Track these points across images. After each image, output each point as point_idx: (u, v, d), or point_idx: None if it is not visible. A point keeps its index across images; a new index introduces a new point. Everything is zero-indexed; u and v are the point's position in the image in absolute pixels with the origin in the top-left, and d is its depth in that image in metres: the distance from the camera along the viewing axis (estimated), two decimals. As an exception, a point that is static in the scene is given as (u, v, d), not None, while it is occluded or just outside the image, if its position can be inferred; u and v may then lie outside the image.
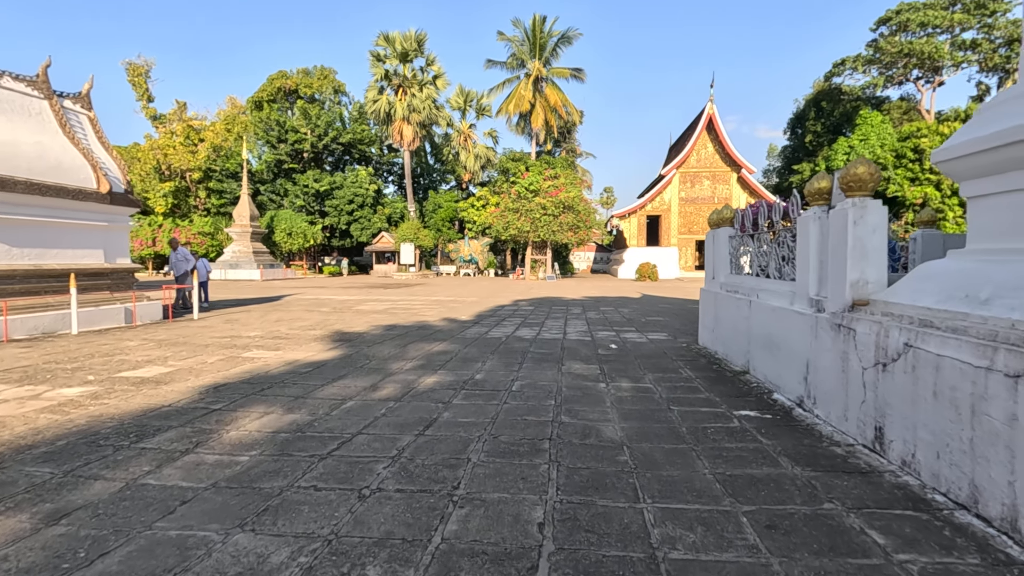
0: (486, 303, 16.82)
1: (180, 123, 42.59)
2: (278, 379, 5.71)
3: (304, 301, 17.32)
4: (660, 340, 8.86)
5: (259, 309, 14.32)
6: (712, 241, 7.73)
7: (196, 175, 42.89)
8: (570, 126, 55.19)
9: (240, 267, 34.76)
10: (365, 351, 7.54)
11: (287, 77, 46.07)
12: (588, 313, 13.78)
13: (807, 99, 49.33)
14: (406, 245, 39.86)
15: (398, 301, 17.40)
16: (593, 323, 11.44)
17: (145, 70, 43.95)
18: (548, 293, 22.44)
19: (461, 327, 10.49)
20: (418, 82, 41.17)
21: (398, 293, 21.74)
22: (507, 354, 7.35)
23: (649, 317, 12.86)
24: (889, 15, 40.24)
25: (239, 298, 18.97)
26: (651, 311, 14.40)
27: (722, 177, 44.10)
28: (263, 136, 42.24)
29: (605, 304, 16.66)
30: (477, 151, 49.59)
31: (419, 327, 10.44)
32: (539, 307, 15.48)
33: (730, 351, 6.60)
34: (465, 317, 12.48)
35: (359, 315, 12.74)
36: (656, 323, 11.52)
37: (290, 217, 40.07)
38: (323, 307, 15.01)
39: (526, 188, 36.81)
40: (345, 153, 46.69)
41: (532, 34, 44.57)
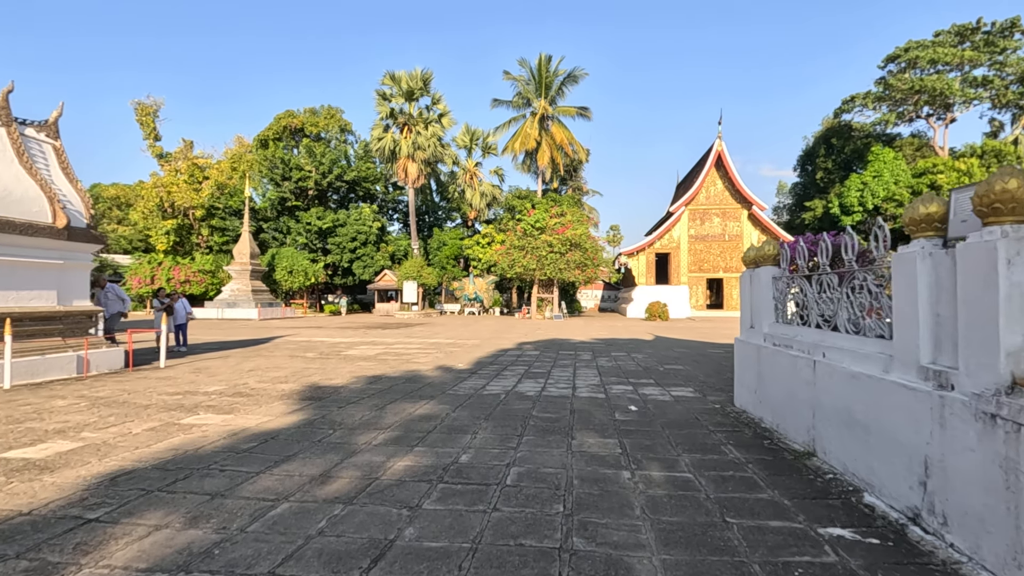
0: (488, 347, 15.53)
1: (185, 161, 42.48)
2: (206, 462, 4.43)
3: (293, 344, 16.11)
4: (687, 398, 7.51)
5: (239, 355, 13.10)
6: (749, 283, 6.49)
7: (199, 213, 42.50)
8: (576, 164, 54.86)
9: (238, 306, 33.77)
10: (333, 415, 6.26)
11: (294, 116, 46.25)
12: (599, 359, 12.45)
13: (816, 136, 48.85)
14: (409, 283, 38.85)
15: (393, 344, 16.14)
16: (605, 373, 10.11)
17: (153, 110, 44.21)
18: (555, 334, 21.12)
19: (455, 379, 9.20)
20: (423, 120, 41.04)
21: (396, 334, 20.51)
22: (505, 420, 6.04)
23: (667, 365, 11.51)
24: (898, 52, 39.98)
25: (226, 340, 17.80)
26: (668, 357, 13.05)
27: (732, 214, 43.20)
28: (267, 174, 42.00)
29: (616, 348, 15.32)
30: (483, 189, 49.18)
31: (407, 379, 9.15)
32: (545, 352, 14.17)
33: (783, 421, 5.26)
34: (462, 365, 11.18)
35: (345, 362, 11.48)
36: (677, 373, 10.17)
37: (291, 255, 39.33)
38: (310, 352, 13.78)
39: (532, 225, 35.97)
40: (350, 191, 46.37)
41: (538, 73, 44.66)
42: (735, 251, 43.01)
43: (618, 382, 9.04)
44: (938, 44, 39.17)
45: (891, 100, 40.34)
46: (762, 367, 5.80)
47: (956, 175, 35.22)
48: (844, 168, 45.25)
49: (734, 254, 43.07)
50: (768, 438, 5.21)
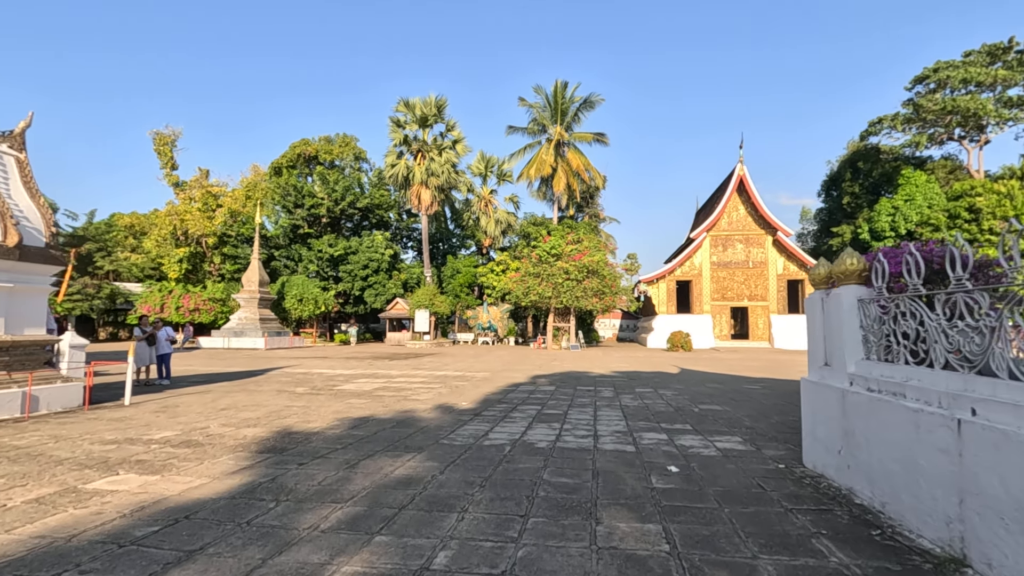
0: (499, 380, 14.09)
1: (200, 189, 42.40)
2: (66, 562, 3.08)
3: (288, 377, 14.86)
4: (738, 453, 6.00)
5: (223, 389, 11.85)
6: (821, 308, 5.05)
7: (211, 240, 42.16)
8: (593, 191, 53.92)
9: (245, 335, 32.86)
10: (287, 477, 4.89)
11: (308, 144, 46.21)
12: (623, 397, 10.93)
13: (842, 160, 47.29)
14: (421, 311, 37.68)
15: (395, 378, 14.79)
16: (632, 415, 8.61)
17: (171, 139, 44.50)
18: (572, 366, 19.59)
19: (455, 423, 7.78)
20: (437, 147, 40.52)
21: (402, 366, 19.17)
22: (506, 488, 4.60)
23: (702, 405, 9.95)
24: (926, 73, 38.61)
25: (219, 372, 16.62)
26: (700, 395, 11.47)
27: (756, 240, 41.55)
28: (280, 201, 41.64)
29: (641, 383, 13.76)
30: (498, 216, 48.34)
31: (398, 422, 7.76)
32: (561, 387, 12.68)
33: (895, 501, 3.76)
34: (466, 404, 9.77)
35: (334, 400, 10.14)
36: (716, 416, 8.62)
37: (302, 283, 38.54)
38: (301, 386, 12.48)
39: (548, 252, 34.73)
40: (363, 219, 45.82)
41: (554, 100, 44.15)
42: (760, 278, 41.22)
43: (648, 428, 7.54)
44: (969, 64, 37.74)
45: (921, 122, 38.78)
46: (851, 420, 4.32)
47: (996, 198, 33.31)
48: (872, 192, 43.50)
49: (758, 281, 41.26)
50: (875, 525, 3.70)
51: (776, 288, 40.91)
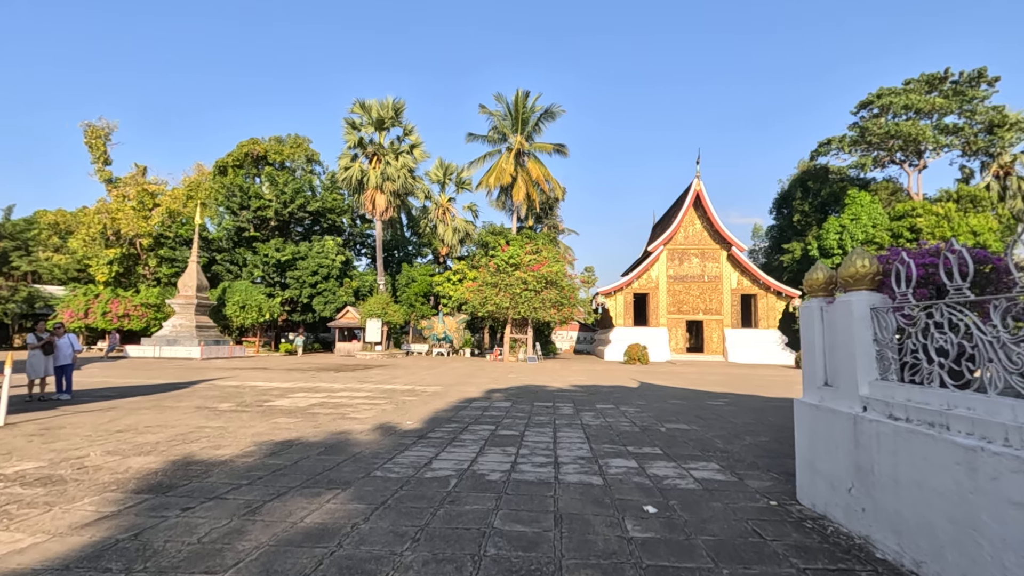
0: (451, 395, 13.04)
1: (135, 187, 39.52)
2: None
3: (216, 391, 13.34)
4: (721, 485, 5.21)
5: (131, 406, 10.33)
6: (820, 318, 4.33)
7: (146, 242, 39.27)
8: (552, 202, 53.66)
9: (179, 343, 30.46)
10: (157, 531, 3.74)
11: (257, 143, 43.97)
12: (583, 414, 10.09)
13: (792, 179, 48.76)
14: (372, 321, 36.07)
15: (338, 392, 13.51)
16: (595, 437, 7.76)
17: (105, 132, 41.44)
18: (529, 379, 18.71)
19: (394, 448, 6.72)
20: (394, 151, 39.23)
21: (347, 378, 17.81)
22: (447, 545, 3.61)
23: (669, 423, 9.23)
24: (870, 99, 40.24)
25: (136, 384, 14.87)
26: (665, 412, 10.78)
27: (711, 255, 42.05)
28: (224, 202, 39.27)
29: (601, 398, 12.99)
30: (456, 224, 47.31)
31: (328, 447, 6.64)
32: (518, 402, 11.75)
33: (939, 561, 2.99)
34: (411, 424, 8.70)
35: (259, 419, 8.87)
36: (686, 437, 7.88)
37: (245, 289, 36.29)
38: (227, 402, 11.08)
39: (506, 261, 33.93)
40: (314, 223, 43.83)
41: (515, 109, 43.66)
42: (714, 292, 41.67)
43: (614, 452, 6.69)
44: (910, 91, 39.58)
45: (866, 144, 40.32)
46: (867, 453, 3.56)
47: (935, 219, 34.77)
48: (820, 211, 44.92)
49: (713, 295, 41.70)
50: (913, 593, 2.93)
51: (730, 302, 41.41)
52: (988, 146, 40.01)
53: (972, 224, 33.73)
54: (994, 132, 39.07)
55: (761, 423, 9.58)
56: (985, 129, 40.02)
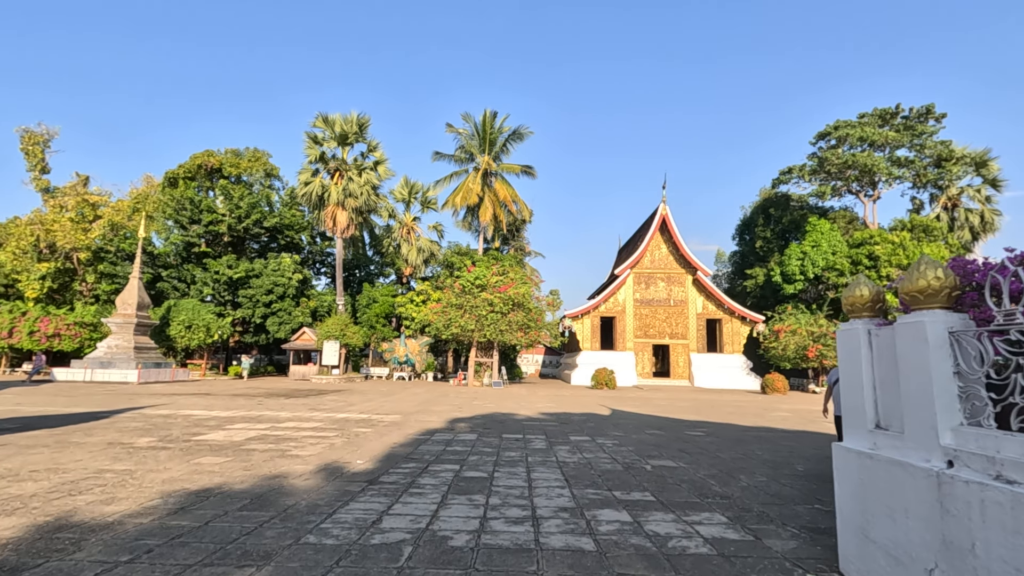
0: (411, 425, 11.82)
1: (74, 197, 36.91)
2: None
3: (141, 421, 11.73)
4: (738, 549, 4.27)
5: (27, 441, 8.74)
6: (868, 345, 3.50)
7: (84, 256, 36.55)
8: (519, 224, 53.25)
9: (114, 366, 28.02)
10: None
11: (212, 156, 41.96)
12: (558, 449, 9.08)
13: (755, 206, 49.75)
14: (330, 343, 34.28)
15: (284, 422, 12.10)
16: (576, 477, 6.75)
17: (44, 139, 38.84)
18: (496, 407, 17.58)
19: (338, 496, 5.55)
20: (357, 167, 37.99)
21: (298, 405, 16.29)
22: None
23: (653, 460, 8.31)
24: (828, 130, 41.54)
25: (48, 413, 13.05)
26: (645, 444, 9.88)
27: (677, 279, 42.12)
28: (172, 215, 37.03)
29: (574, 429, 12.00)
30: (420, 244, 46.20)
31: (255, 498, 5.41)
32: (484, 435, 10.65)
33: None
34: (362, 463, 7.49)
35: (181, 458, 7.51)
36: (677, 478, 6.96)
37: (192, 307, 34.00)
38: (149, 435, 9.59)
39: (472, 282, 32.88)
40: (271, 240, 41.88)
41: (482, 129, 43.22)
42: (680, 316, 41.61)
43: (601, 500, 5.70)
44: (864, 124, 41.06)
45: (825, 173, 41.46)
46: (963, 526, 2.68)
47: (891, 246, 35.69)
48: (782, 237, 45.80)
49: (679, 320, 41.62)
50: None
51: (696, 326, 41.39)
52: (937, 178, 41.71)
53: (926, 252, 34.73)
54: (942, 166, 40.79)
55: (750, 458, 8.78)
56: (934, 163, 41.77)
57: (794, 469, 7.93)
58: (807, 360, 34.52)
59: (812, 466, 8.20)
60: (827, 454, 9.37)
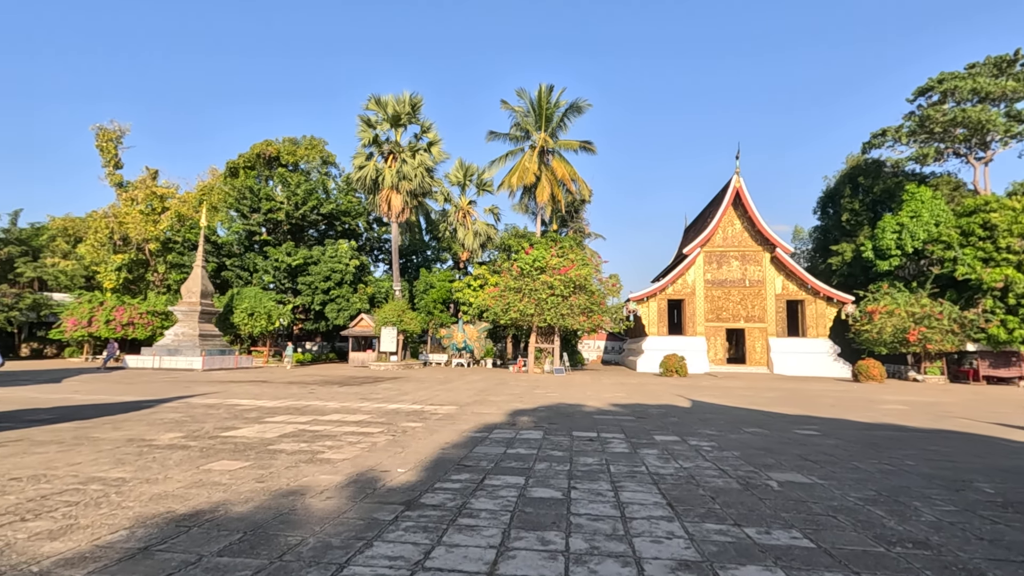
0: (466, 419, 10.34)
1: (144, 190, 38.04)
2: None
3: (180, 412, 10.88)
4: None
5: (51, 433, 7.87)
6: None
7: (154, 246, 37.66)
8: (578, 204, 50.90)
9: (180, 353, 28.45)
10: None
11: (271, 145, 42.27)
12: (644, 453, 7.27)
13: (841, 175, 45.06)
14: (387, 329, 33.64)
15: (328, 414, 10.92)
16: (684, 504, 4.95)
17: (117, 135, 40.20)
18: (560, 396, 15.90)
19: (361, 530, 4.03)
20: (411, 149, 36.98)
21: (348, 395, 15.26)
22: None
23: (774, 472, 6.34)
24: (931, 84, 36.58)
25: (94, 402, 12.52)
26: (752, 448, 7.87)
27: (753, 257, 38.70)
28: (234, 204, 37.48)
29: (655, 424, 10.10)
30: (477, 228, 44.85)
31: (252, 528, 3.98)
32: (551, 432, 8.98)
33: None
34: (403, 472, 5.99)
35: (193, 461, 6.28)
36: (827, 504, 5.00)
37: (254, 295, 34.26)
38: (177, 430, 8.56)
39: (530, 264, 31.20)
40: (328, 227, 41.85)
41: (538, 104, 41.18)
42: (757, 298, 38.25)
43: (736, 549, 3.88)
44: (976, 75, 35.84)
45: (926, 134, 36.60)
46: None
47: (1012, 214, 30.94)
48: (872, 209, 41.19)
49: (756, 301, 38.27)
50: None
51: (775, 309, 37.95)
52: (1065, 134, 35.92)
53: (1059, 218, 29.88)
54: (1074, 118, 35.02)
55: (903, 471, 6.63)
56: (1061, 116, 35.96)
57: (982, 491, 5.76)
58: (907, 344, 30.68)
59: (1009, 486, 5.98)
60: (1011, 466, 7.07)
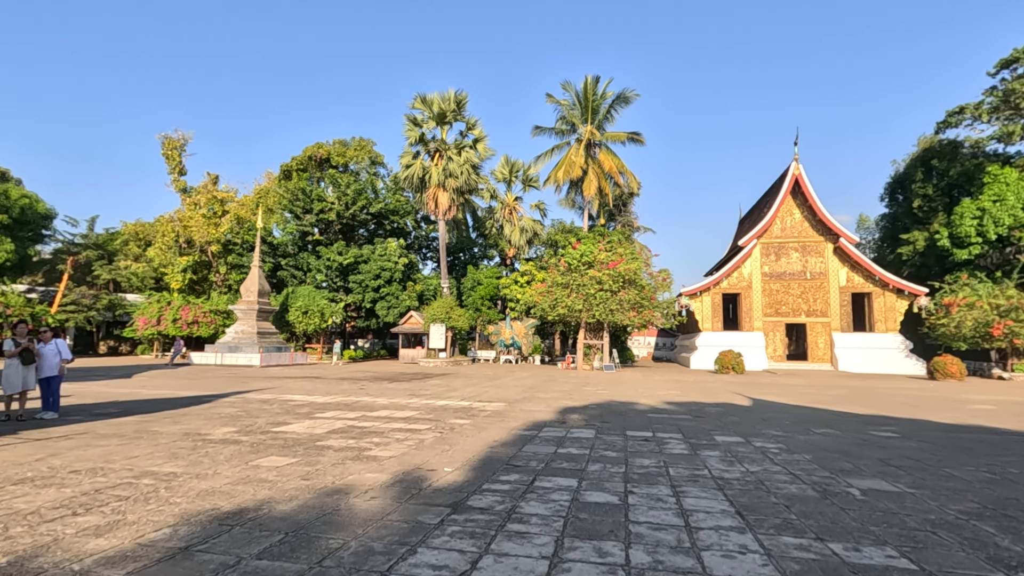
0: (515, 416, 10.07)
1: (205, 195, 39.88)
2: None
3: (237, 407, 11.14)
4: None
5: (113, 427, 8.14)
6: None
7: (215, 248, 39.42)
8: (626, 197, 49.74)
9: (240, 350, 29.58)
10: None
11: (322, 147, 43.45)
12: (706, 456, 6.77)
13: (911, 158, 42.06)
14: (436, 326, 33.92)
15: (377, 410, 10.92)
16: (755, 513, 4.48)
17: (181, 143, 42.33)
18: (611, 393, 15.42)
19: (406, 534, 3.80)
20: (456, 146, 37.11)
21: (397, 391, 15.32)
22: None
23: (856, 479, 5.72)
24: (1016, 55, 33.48)
25: (157, 397, 13.03)
26: (825, 450, 7.21)
27: (814, 248, 36.72)
28: (288, 206, 38.73)
29: (714, 423, 9.51)
30: (523, 224, 44.60)
31: (295, 528, 3.83)
32: (604, 430, 8.58)
33: None
34: (450, 472, 5.77)
35: (244, 457, 6.28)
36: (930, 521, 4.40)
37: (308, 294, 35.28)
38: (232, 424, 8.70)
39: (578, 259, 30.67)
40: (378, 226, 42.63)
41: (584, 96, 40.47)
42: (819, 291, 36.28)
43: (822, 568, 3.41)
44: (1068, 43, 32.56)
45: (1011, 110, 33.57)
46: None
47: (1116, 195, 27.97)
48: (947, 194, 38.21)
49: (818, 295, 36.30)
50: None
51: (839, 302, 35.88)
52: None
53: None
54: None
55: (1007, 480, 5.87)
56: None
57: (1110, 506, 4.98)
58: (990, 339, 28.22)
59: None
60: None
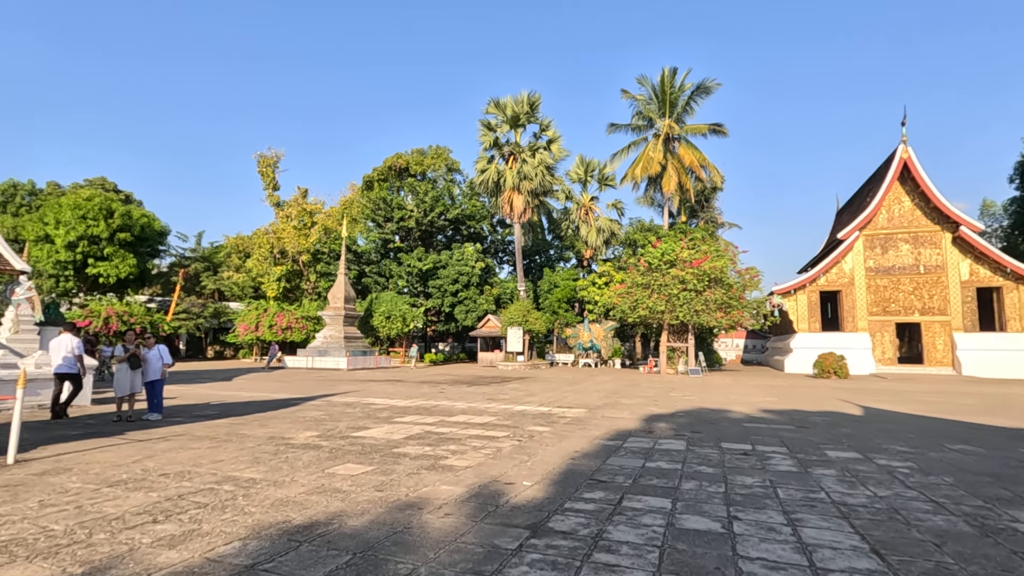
0: (597, 424, 9.52)
1: (296, 207, 42.39)
2: None
3: (321, 410, 11.42)
4: None
5: (208, 430, 8.50)
6: None
7: (306, 258, 41.75)
8: (709, 192, 47.35)
9: (329, 354, 30.99)
10: None
11: (401, 157, 44.88)
12: (820, 476, 5.89)
13: (1047, 133, 36.83)
14: (513, 329, 33.81)
15: (455, 415, 10.76)
16: (899, 556, 3.70)
17: (274, 161, 45.28)
18: (699, 399, 14.41)
19: (476, 565, 3.43)
20: (531, 148, 36.92)
21: (476, 395, 15.19)
22: None
23: (1017, 511, 4.70)
24: None
25: (252, 399, 13.69)
26: (972, 472, 6.07)
27: (928, 239, 33.02)
28: (370, 215, 40.28)
29: (823, 436, 8.42)
30: (600, 224, 43.65)
31: (364, 548, 3.57)
32: (696, 442, 7.83)
33: None
34: (529, 487, 5.35)
35: (321, 464, 6.23)
36: None
37: (390, 299, 36.43)
38: (314, 428, 8.83)
39: (659, 258, 29.38)
40: (455, 231, 43.37)
41: (661, 90, 38.91)
42: (936, 286, 32.56)
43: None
44: None
45: None
46: None
47: None
48: (1096, 171, 33.05)
49: (934, 290, 32.59)
50: None
51: (960, 298, 31.98)
52: None
53: None
54: None
55: None
56: None
57: None
58: None
59: None
60: None
